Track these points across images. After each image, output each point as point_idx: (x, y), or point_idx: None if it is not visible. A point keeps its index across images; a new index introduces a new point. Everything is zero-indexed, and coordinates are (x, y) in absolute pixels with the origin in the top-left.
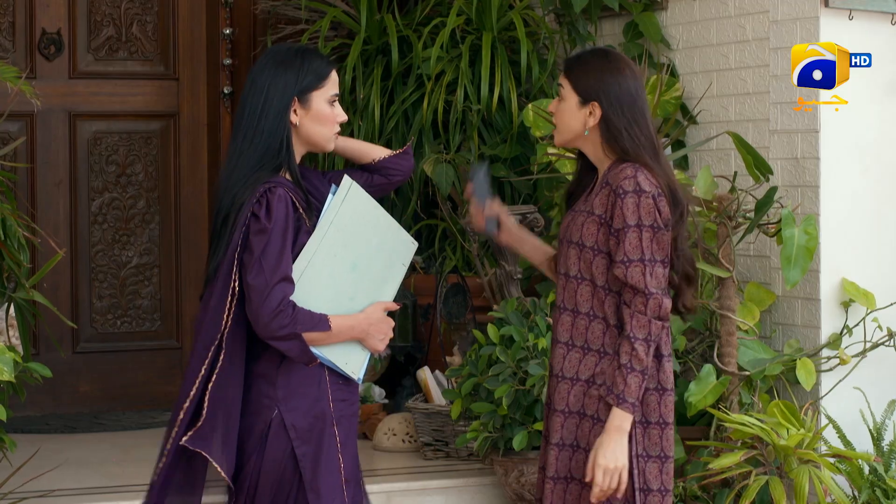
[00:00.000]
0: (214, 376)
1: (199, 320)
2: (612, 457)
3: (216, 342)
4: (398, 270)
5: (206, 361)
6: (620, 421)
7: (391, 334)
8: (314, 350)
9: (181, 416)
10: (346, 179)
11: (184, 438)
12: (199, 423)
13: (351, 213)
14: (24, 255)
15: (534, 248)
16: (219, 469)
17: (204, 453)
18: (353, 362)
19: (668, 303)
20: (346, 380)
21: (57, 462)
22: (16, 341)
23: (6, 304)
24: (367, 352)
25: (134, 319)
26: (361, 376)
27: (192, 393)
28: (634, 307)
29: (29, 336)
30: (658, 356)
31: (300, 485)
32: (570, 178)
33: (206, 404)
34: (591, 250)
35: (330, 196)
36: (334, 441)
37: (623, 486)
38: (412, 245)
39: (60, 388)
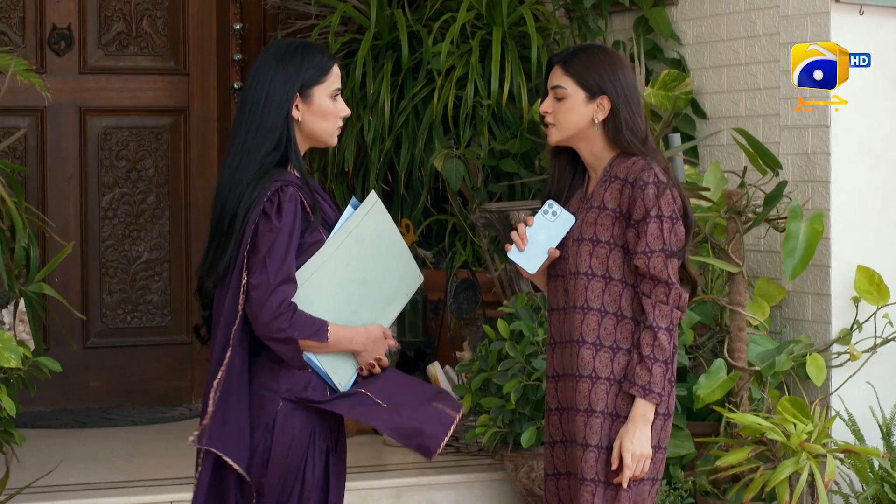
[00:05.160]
0: (221, 372)
1: (216, 323)
2: (639, 444)
3: (231, 342)
4: (401, 298)
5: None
6: (645, 411)
7: (383, 360)
8: (306, 353)
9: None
10: (373, 195)
11: (190, 438)
12: (206, 421)
13: (372, 229)
14: (34, 250)
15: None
16: (233, 465)
17: (215, 450)
18: (342, 374)
19: (685, 294)
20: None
21: (66, 457)
22: (26, 336)
23: (17, 298)
24: (356, 368)
25: (144, 315)
26: (347, 390)
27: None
28: (655, 297)
29: (39, 331)
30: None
31: (304, 474)
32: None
33: (210, 401)
34: (606, 245)
35: (350, 208)
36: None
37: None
38: (419, 278)
39: (70, 383)
